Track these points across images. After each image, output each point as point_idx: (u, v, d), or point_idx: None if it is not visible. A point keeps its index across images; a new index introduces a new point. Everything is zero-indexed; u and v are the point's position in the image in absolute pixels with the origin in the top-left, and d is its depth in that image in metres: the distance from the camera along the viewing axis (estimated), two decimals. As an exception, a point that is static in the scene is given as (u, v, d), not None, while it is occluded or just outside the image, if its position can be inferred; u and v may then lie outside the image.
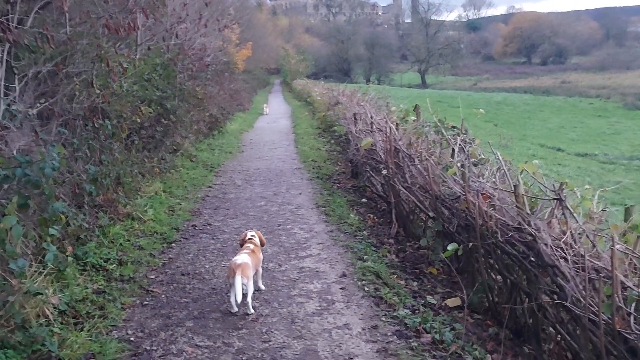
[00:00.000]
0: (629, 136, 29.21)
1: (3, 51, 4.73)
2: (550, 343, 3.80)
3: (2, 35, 4.54)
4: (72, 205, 5.04)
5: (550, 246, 3.48)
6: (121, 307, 4.27)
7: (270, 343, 3.77)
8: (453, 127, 6.59)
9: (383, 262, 5.37)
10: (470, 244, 4.32)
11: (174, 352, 3.64)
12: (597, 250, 3.40)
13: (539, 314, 3.71)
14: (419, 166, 5.85)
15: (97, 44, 5.76)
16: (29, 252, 3.97)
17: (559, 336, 3.61)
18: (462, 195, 4.58)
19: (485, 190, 4.36)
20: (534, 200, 4.10)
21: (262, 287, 4.69)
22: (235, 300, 4.09)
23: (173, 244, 5.96)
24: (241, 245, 4.75)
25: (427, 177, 5.38)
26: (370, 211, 7.56)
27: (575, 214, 3.68)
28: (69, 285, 4.27)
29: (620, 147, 25.73)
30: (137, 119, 7.55)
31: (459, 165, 5.05)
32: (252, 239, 4.75)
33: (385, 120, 7.91)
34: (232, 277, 4.08)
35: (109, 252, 5.20)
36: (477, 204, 4.18)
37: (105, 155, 6.17)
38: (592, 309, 3.03)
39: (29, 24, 5.00)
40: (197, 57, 12.39)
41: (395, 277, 5.04)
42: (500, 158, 4.70)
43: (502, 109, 40.36)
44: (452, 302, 4.48)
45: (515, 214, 3.97)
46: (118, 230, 5.76)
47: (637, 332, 2.84)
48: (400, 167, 6.42)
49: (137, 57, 8.78)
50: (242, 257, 4.27)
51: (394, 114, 9.11)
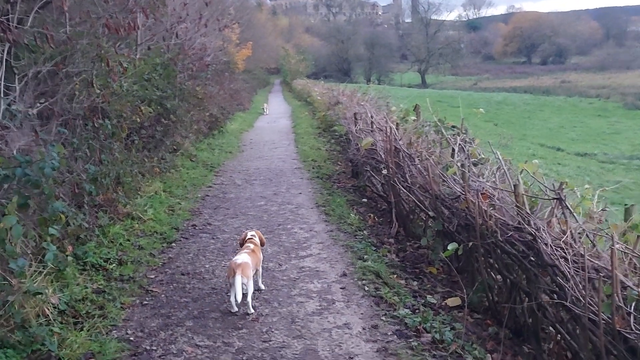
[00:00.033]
0: (629, 136, 29.23)
1: (3, 51, 4.72)
2: (550, 342, 3.81)
3: (2, 35, 4.54)
4: (72, 205, 5.04)
5: (550, 246, 3.48)
6: (121, 307, 4.27)
7: (270, 343, 3.77)
8: (453, 126, 6.60)
9: (383, 262, 5.37)
10: (470, 244, 4.32)
11: (174, 352, 3.64)
12: (597, 249, 3.40)
13: (538, 313, 3.71)
14: (419, 166, 5.85)
15: (97, 44, 5.75)
16: (29, 252, 3.97)
17: (559, 335, 3.61)
18: (462, 194, 4.58)
19: (485, 190, 4.36)
20: (533, 199, 4.11)
21: (262, 287, 4.69)
22: (235, 300, 4.09)
23: (173, 244, 5.96)
24: (241, 244, 4.76)
25: (427, 176, 5.38)
26: (371, 211, 7.56)
27: (575, 214, 3.68)
28: (69, 284, 4.27)
29: (620, 146, 25.75)
30: (137, 119, 7.54)
31: (459, 164, 5.05)
32: (252, 238, 4.75)
33: (385, 120, 7.91)
34: (232, 276, 4.08)
35: (108, 252, 5.20)
36: (477, 203, 4.18)
37: (105, 155, 6.18)
38: (592, 308, 3.03)
39: (29, 24, 5.00)
40: (197, 56, 12.39)
41: (395, 276, 5.04)
42: (500, 158, 4.71)
43: (502, 109, 40.38)
44: (452, 302, 4.48)
45: (515, 213, 3.97)
46: (118, 230, 5.76)
47: (637, 331, 2.84)
48: (401, 166, 6.42)
49: (137, 56, 8.78)
50: (242, 257, 4.27)
51: (394, 114, 9.11)
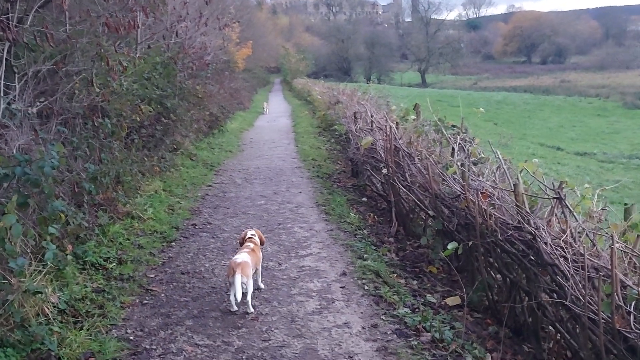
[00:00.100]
0: (628, 135, 29.26)
1: (3, 50, 4.72)
2: (549, 341, 3.81)
3: (2, 34, 4.53)
4: (72, 204, 5.03)
5: (550, 245, 3.48)
6: (121, 306, 4.26)
7: (270, 342, 3.77)
8: (453, 126, 6.61)
9: (383, 261, 5.38)
10: (470, 243, 4.32)
11: (174, 351, 3.64)
12: (596, 248, 3.40)
13: (538, 312, 3.72)
14: (419, 165, 5.85)
15: (97, 43, 5.75)
16: (29, 251, 3.97)
17: (559, 335, 3.62)
18: (462, 194, 4.58)
19: (485, 189, 4.36)
20: (533, 199, 4.11)
21: (262, 286, 4.69)
22: (235, 299, 4.08)
23: (173, 243, 5.96)
24: (241, 244, 4.76)
25: (427, 175, 5.38)
26: (370, 210, 7.56)
27: (574, 213, 3.69)
28: (69, 284, 4.26)
29: (620, 146, 25.77)
30: (137, 118, 7.54)
31: (458, 164, 5.05)
32: (252, 237, 4.75)
33: (385, 119, 7.91)
34: (232, 275, 4.07)
35: (108, 251, 5.20)
36: (477, 202, 4.18)
37: (105, 154, 6.17)
38: (592, 307, 3.03)
39: (28, 23, 4.99)
40: (198, 55, 12.39)
41: (395, 275, 5.05)
42: (500, 157, 4.71)
43: (502, 108, 40.39)
44: (451, 301, 4.48)
45: (515, 212, 3.97)
46: (118, 229, 5.76)
47: (637, 330, 2.84)
48: (401, 165, 6.42)
49: (137, 55, 8.77)
50: (242, 256, 4.27)
51: (394, 113, 9.12)
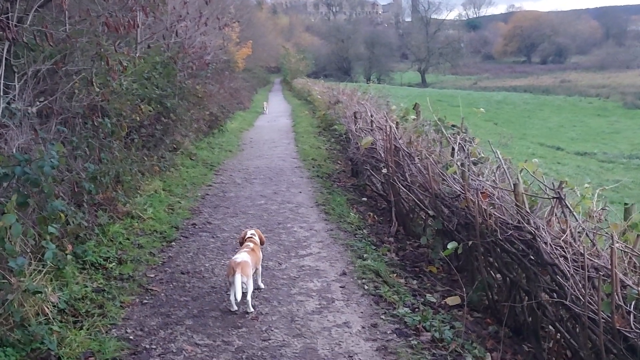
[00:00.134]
0: (628, 135, 29.25)
1: (3, 49, 4.72)
2: (549, 341, 3.81)
3: (1, 33, 4.53)
4: (72, 204, 5.03)
5: (550, 244, 3.48)
6: (120, 306, 4.26)
7: (269, 341, 3.77)
8: (453, 125, 6.61)
9: (383, 261, 5.38)
10: (470, 243, 4.32)
11: (174, 351, 3.64)
12: (596, 248, 3.40)
13: (538, 312, 3.71)
14: (419, 165, 5.85)
15: (96, 42, 5.75)
16: (28, 251, 3.97)
17: (559, 334, 3.62)
18: (462, 193, 4.58)
19: (485, 189, 4.36)
20: (533, 198, 4.11)
21: (262, 286, 4.69)
22: (235, 299, 4.08)
23: (173, 243, 5.95)
24: (241, 243, 4.75)
25: (427, 175, 5.38)
26: (370, 210, 7.56)
27: (574, 213, 3.68)
28: (68, 283, 4.26)
29: (620, 146, 25.76)
30: (137, 118, 7.54)
31: (458, 164, 5.05)
32: (251, 237, 4.75)
33: (385, 119, 7.91)
34: (231, 275, 4.07)
35: (108, 251, 5.20)
36: (476, 202, 4.18)
37: (105, 154, 6.17)
38: (592, 307, 3.03)
39: (28, 22, 4.98)
40: (197, 55, 12.40)
41: (395, 275, 5.05)
42: (500, 157, 4.71)
43: (502, 108, 40.38)
44: (451, 301, 4.48)
45: (515, 212, 3.97)
46: (117, 229, 5.75)
47: (637, 330, 2.84)
48: (400, 165, 6.42)
49: (137, 55, 8.77)
50: (242, 256, 4.27)
51: (394, 113, 9.12)
